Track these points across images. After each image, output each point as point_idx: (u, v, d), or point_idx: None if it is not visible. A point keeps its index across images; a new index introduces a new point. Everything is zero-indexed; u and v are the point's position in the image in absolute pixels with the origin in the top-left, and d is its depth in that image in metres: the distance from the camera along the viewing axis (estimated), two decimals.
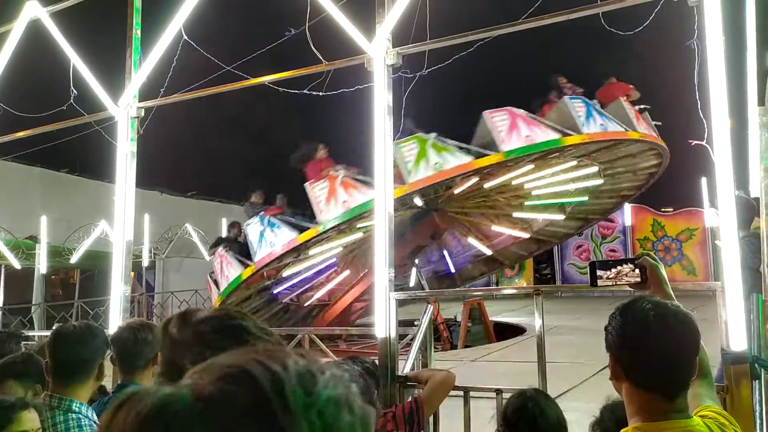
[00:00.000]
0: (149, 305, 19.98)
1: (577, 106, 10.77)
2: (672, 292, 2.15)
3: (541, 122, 10.40)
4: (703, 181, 19.02)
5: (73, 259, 16.22)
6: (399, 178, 9.57)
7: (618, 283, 2.23)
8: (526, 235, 14.78)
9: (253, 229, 11.17)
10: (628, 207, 20.19)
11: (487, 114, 10.30)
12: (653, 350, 1.63)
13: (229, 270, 11.66)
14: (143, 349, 2.84)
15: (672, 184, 21.62)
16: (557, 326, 12.95)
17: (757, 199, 3.58)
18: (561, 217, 14.53)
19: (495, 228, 14.27)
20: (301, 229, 10.71)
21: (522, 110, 10.53)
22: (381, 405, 3.33)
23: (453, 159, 9.93)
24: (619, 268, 2.22)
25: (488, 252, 14.74)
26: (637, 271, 2.16)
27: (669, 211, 20.37)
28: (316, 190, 10.52)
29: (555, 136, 10.27)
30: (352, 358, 3.26)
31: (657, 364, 1.64)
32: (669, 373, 1.65)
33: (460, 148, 10.14)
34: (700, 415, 1.71)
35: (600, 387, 7.62)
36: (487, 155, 9.86)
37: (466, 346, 12.42)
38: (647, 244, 19.61)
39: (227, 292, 11.60)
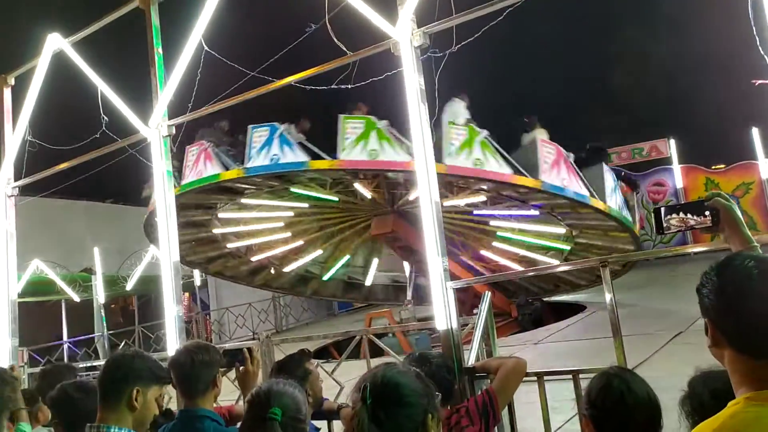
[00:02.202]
0: (207, 323, 20.26)
1: (607, 177, 11.05)
2: (750, 234, 1.93)
3: (579, 174, 10.39)
4: (755, 131, 18.33)
5: (129, 285, 16.57)
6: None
7: (687, 228, 2.02)
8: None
9: (258, 134, 10.57)
10: (677, 168, 19.58)
11: (539, 139, 10.30)
12: (759, 312, 1.43)
13: (206, 166, 10.95)
14: (201, 372, 2.76)
15: (720, 139, 20.95)
16: (617, 299, 12.59)
17: None
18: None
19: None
20: (314, 156, 10.28)
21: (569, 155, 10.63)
22: (455, 400, 3.18)
23: (391, 152, 9.75)
24: (687, 213, 2.01)
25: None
26: (708, 213, 1.95)
27: (721, 168, 19.67)
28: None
29: (585, 192, 10.35)
30: (421, 355, 3.12)
31: (763, 328, 1.44)
32: None
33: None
34: None
35: (674, 356, 7.40)
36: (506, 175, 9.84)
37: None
38: None
39: (188, 187, 11.00)
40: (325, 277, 15.60)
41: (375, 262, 15.08)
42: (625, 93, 27.22)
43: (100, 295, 15.50)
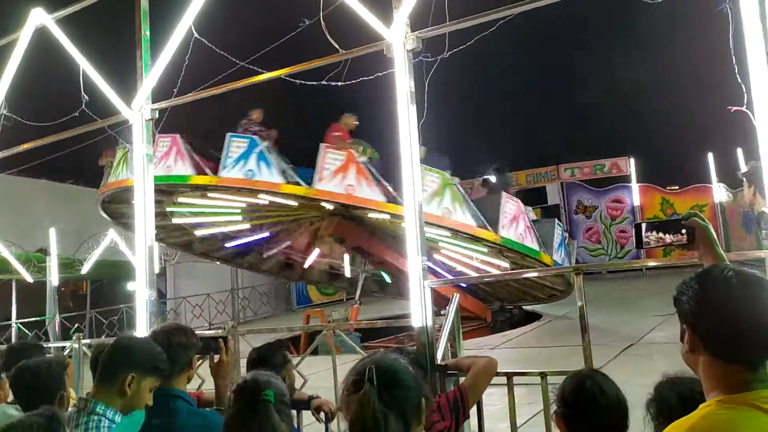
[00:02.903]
0: (162, 312, 19.99)
1: (557, 233, 11.38)
2: (722, 253, 2.07)
3: (533, 230, 10.82)
4: (710, 156, 19.00)
5: (84, 269, 16.20)
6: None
7: (664, 245, 2.15)
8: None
9: (236, 144, 10.63)
10: (635, 186, 20.15)
11: (506, 196, 10.73)
12: (737, 318, 1.55)
13: (177, 162, 11.04)
14: (178, 353, 2.79)
15: (677, 161, 21.63)
16: (575, 309, 12.89)
17: None
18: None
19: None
20: (288, 179, 10.42)
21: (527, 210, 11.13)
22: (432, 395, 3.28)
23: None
24: (665, 230, 2.14)
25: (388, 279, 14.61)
26: (684, 232, 2.08)
27: (676, 189, 20.32)
28: (330, 157, 10.23)
29: (536, 247, 10.80)
30: (398, 349, 3.21)
31: (742, 333, 1.55)
32: (754, 343, 1.57)
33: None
34: None
35: (625, 366, 7.65)
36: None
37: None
38: None
39: (162, 181, 10.84)
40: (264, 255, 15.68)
41: (316, 251, 15.19)
42: (592, 110, 27.81)
43: (54, 277, 15.11)
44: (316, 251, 14.12)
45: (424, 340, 3.72)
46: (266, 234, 14.44)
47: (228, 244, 14.77)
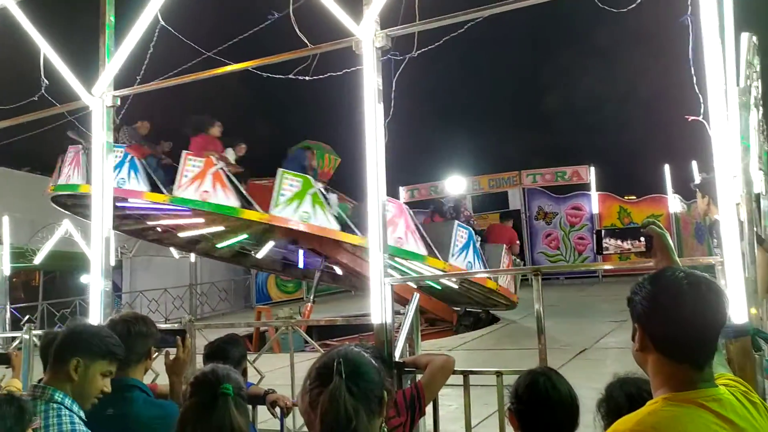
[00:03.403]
0: (117, 305, 19.61)
1: (458, 235, 11.33)
2: (678, 260, 2.14)
3: (421, 235, 10.77)
4: (666, 167, 19.49)
5: (37, 259, 15.81)
6: (266, 204, 10.19)
7: (623, 251, 2.21)
8: None
9: (193, 164, 10.73)
10: (595, 195, 20.53)
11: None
12: (687, 319, 1.60)
13: (74, 172, 11.48)
14: (137, 343, 2.76)
15: (634, 171, 22.18)
16: (530, 314, 13.09)
17: None
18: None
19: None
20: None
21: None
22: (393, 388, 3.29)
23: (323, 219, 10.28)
24: (624, 237, 2.21)
25: (339, 272, 14.71)
26: (642, 239, 2.14)
27: (633, 199, 20.77)
28: (189, 164, 10.44)
29: (424, 252, 10.75)
30: (360, 345, 3.21)
31: (690, 333, 1.61)
32: (701, 343, 1.63)
33: (337, 217, 10.45)
34: (721, 383, 1.69)
35: (579, 370, 7.79)
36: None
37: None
38: None
39: (60, 190, 11.88)
40: (219, 245, 15.58)
41: (270, 243, 15.18)
42: (555, 118, 28.33)
43: (5, 267, 14.70)
44: (271, 243, 14.05)
45: (383, 338, 3.74)
46: (221, 228, 14.33)
47: (181, 234, 14.59)
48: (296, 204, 10.12)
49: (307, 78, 4.40)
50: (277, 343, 10.44)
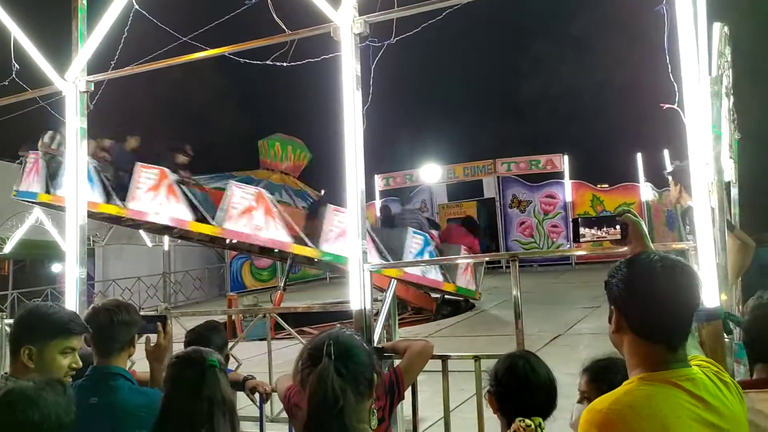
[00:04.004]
0: (89, 294, 19.38)
1: (413, 242, 11.49)
2: (652, 246, 2.19)
3: (375, 240, 10.81)
4: (639, 156, 19.78)
5: (7, 248, 15.53)
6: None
7: (599, 239, 2.26)
8: None
9: (147, 175, 10.85)
10: (568, 183, 20.75)
11: (331, 208, 10.72)
12: (661, 301, 1.66)
13: (33, 180, 11.68)
14: (120, 331, 2.73)
15: (607, 160, 22.44)
16: (507, 299, 13.24)
17: None
18: None
19: None
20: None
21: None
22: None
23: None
24: (600, 226, 2.25)
25: None
26: (618, 227, 2.19)
27: (606, 187, 21.03)
28: (144, 175, 10.54)
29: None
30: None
31: (664, 315, 1.66)
32: (675, 324, 1.69)
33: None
34: (695, 364, 1.75)
35: (552, 355, 7.91)
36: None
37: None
38: None
39: (21, 196, 12.23)
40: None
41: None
42: (529, 107, 28.51)
43: None
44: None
45: (362, 324, 3.76)
46: None
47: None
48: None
49: (284, 64, 4.38)
50: (241, 329, 10.55)
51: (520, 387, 2.35)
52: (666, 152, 16.04)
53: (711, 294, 2.91)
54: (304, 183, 15.17)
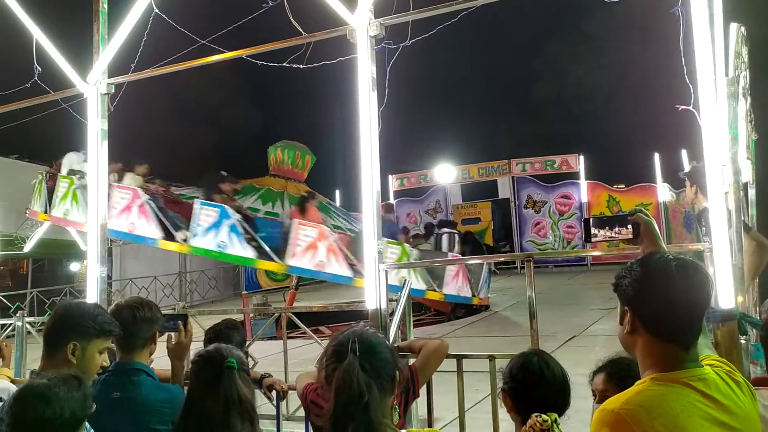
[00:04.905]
0: (107, 293, 19.56)
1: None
2: (665, 247, 2.20)
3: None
4: (656, 156, 19.62)
5: (27, 247, 15.73)
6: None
7: (612, 239, 2.28)
8: None
9: (206, 213, 11.06)
10: (584, 184, 20.64)
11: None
12: (675, 300, 1.67)
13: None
14: (142, 328, 2.79)
15: (624, 160, 22.31)
16: (521, 301, 13.22)
17: None
18: None
19: None
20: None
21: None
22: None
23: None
24: (612, 225, 2.27)
25: None
26: (630, 227, 2.20)
27: (622, 187, 20.89)
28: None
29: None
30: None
31: (678, 314, 1.68)
32: (689, 323, 1.70)
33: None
34: (707, 363, 1.76)
35: (570, 356, 7.90)
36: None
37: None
38: None
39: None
40: None
41: None
42: (545, 107, 28.40)
43: None
44: None
45: (378, 323, 3.80)
46: None
47: None
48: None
49: (301, 66, 4.42)
50: (250, 328, 10.70)
51: (534, 383, 2.37)
52: (683, 152, 15.89)
53: (727, 295, 2.91)
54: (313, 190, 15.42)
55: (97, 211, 4.77)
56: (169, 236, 10.97)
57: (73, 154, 12.20)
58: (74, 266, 22.15)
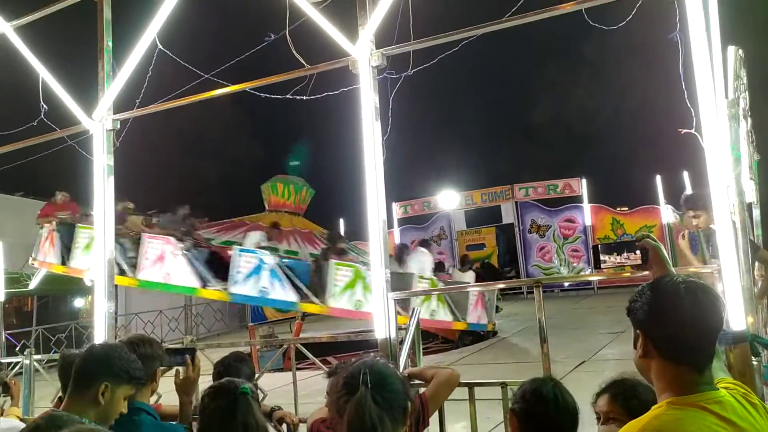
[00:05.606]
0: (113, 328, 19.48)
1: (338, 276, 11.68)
2: (674, 271, 2.20)
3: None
4: (658, 178, 19.66)
5: (32, 284, 15.73)
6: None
7: (621, 264, 2.28)
8: None
9: (246, 260, 11.31)
10: (587, 207, 20.64)
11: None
12: (684, 322, 1.67)
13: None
14: (144, 365, 2.76)
15: (626, 183, 22.37)
16: (529, 326, 13.12)
17: None
18: None
19: None
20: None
21: None
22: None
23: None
24: (621, 251, 2.27)
25: None
26: (638, 252, 2.20)
27: (625, 210, 20.89)
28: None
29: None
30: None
31: (690, 337, 1.67)
32: (701, 346, 1.69)
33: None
34: (722, 386, 1.74)
35: (579, 381, 7.82)
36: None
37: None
38: None
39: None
40: None
41: None
42: (547, 132, 28.57)
43: (0, 293, 14.58)
44: None
45: (387, 352, 3.77)
46: None
47: None
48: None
49: (305, 98, 4.47)
50: (257, 360, 10.68)
51: (546, 406, 2.35)
52: (685, 174, 15.93)
53: (737, 316, 2.89)
54: (313, 223, 15.49)
55: (104, 246, 4.78)
56: (205, 284, 11.13)
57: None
58: (78, 302, 22.10)
